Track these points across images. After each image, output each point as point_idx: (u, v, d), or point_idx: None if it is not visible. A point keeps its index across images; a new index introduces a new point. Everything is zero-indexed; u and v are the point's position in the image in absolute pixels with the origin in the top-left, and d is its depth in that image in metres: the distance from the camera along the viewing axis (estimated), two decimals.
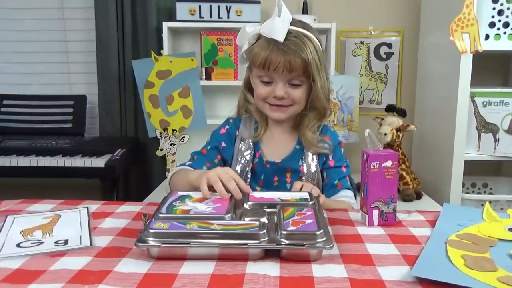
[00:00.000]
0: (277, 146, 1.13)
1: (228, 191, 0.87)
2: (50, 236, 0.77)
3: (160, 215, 0.76)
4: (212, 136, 1.19)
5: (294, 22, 1.01)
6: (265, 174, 1.12)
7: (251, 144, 1.13)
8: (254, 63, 1.03)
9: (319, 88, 1.03)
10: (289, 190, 1.09)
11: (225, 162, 1.15)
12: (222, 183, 0.87)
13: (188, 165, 1.12)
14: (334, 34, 2.01)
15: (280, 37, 0.97)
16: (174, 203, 0.83)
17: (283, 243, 0.67)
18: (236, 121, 1.18)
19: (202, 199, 0.85)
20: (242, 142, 1.14)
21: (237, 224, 0.73)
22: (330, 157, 1.13)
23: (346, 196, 1.11)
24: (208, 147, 1.16)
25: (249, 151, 1.12)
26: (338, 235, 0.79)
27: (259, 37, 1.02)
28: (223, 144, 1.15)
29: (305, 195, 0.89)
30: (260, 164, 1.12)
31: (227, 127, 1.17)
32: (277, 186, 1.12)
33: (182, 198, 0.86)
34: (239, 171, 1.11)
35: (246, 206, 0.84)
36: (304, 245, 0.67)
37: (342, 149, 1.17)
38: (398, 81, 2.25)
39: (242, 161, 1.12)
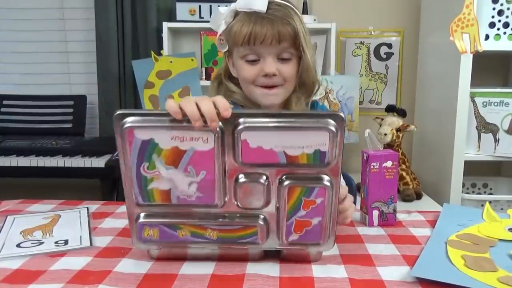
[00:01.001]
0: None
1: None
2: (50, 236, 0.77)
3: (140, 208, 0.64)
4: None
5: None
6: None
7: None
8: (236, 42, 0.91)
9: (309, 60, 0.94)
10: None
11: None
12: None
13: None
14: (334, 34, 2.01)
15: (262, 7, 0.87)
16: (144, 172, 0.62)
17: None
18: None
19: (176, 157, 0.61)
20: None
21: (232, 230, 0.65)
22: None
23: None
24: None
25: None
26: (338, 235, 0.78)
27: (236, 13, 0.92)
28: None
29: (323, 145, 0.60)
30: None
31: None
32: None
33: (148, 155, 0.61)
34: None
35: (240, 178, 0.62)
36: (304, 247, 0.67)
37: None
38: (398, 81, 2.24)
39: None
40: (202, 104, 0.59)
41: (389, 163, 0.83)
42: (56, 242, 0.74)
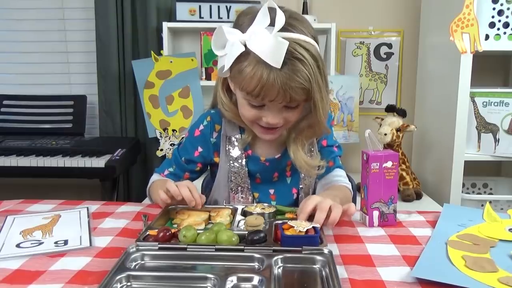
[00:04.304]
0: (268, 145, 1.03)
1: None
2: (50, 237, 0.77)
3: None
4: (186, 141, 1.07)
5: (285, 25, 0.80)
6: (262, 172, 1.04)
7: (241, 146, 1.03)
8: (242, 88, 0.85)
9: (321, 113, 0.88)
10: (290, 185, 1.06)
11: (206, 165, 1.08)
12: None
13: (167, 175, 1.05)
14: (334, 34, 2.01)
15: (277, 63, 0.78)
16: None
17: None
18: (215, 117, 1.04)
19: None
20: (228, 142, 1.03)
21: None
22: (323, 137, 1.06)
23: (340, 176, 1.07)
24: (183, 158, 1.05)
25: (239, 153, 1.02)
26: (338, 236, 0.79)
27: (246, 50, 0.81)
28: (200, 150, 1.05)
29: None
30: (254, 163, 1.03)
31: (201, 127, 1.05)
32: (276, 182, 1.06)
33: None
34: (232, 175, 1.03)
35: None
36: (301, 248, 0.67)
37: (332, 128, 1.11)
38: (398, 81, 2.24)
39: (236, 165, 1.02)
40: (182, 190, 0.84)
41: (389, 164, 0.83)
42: (55, 242, 0.74)
